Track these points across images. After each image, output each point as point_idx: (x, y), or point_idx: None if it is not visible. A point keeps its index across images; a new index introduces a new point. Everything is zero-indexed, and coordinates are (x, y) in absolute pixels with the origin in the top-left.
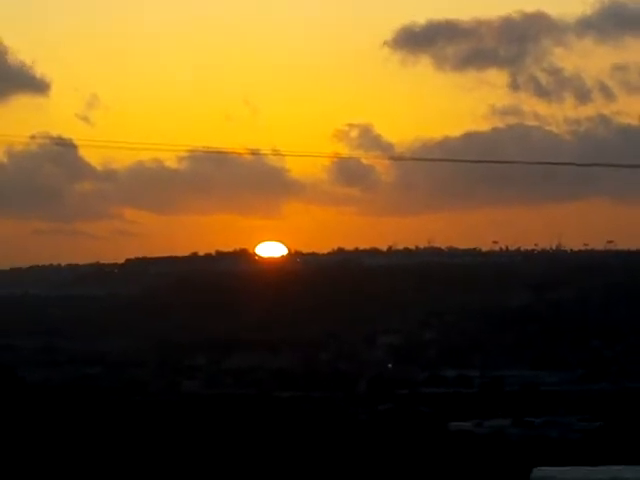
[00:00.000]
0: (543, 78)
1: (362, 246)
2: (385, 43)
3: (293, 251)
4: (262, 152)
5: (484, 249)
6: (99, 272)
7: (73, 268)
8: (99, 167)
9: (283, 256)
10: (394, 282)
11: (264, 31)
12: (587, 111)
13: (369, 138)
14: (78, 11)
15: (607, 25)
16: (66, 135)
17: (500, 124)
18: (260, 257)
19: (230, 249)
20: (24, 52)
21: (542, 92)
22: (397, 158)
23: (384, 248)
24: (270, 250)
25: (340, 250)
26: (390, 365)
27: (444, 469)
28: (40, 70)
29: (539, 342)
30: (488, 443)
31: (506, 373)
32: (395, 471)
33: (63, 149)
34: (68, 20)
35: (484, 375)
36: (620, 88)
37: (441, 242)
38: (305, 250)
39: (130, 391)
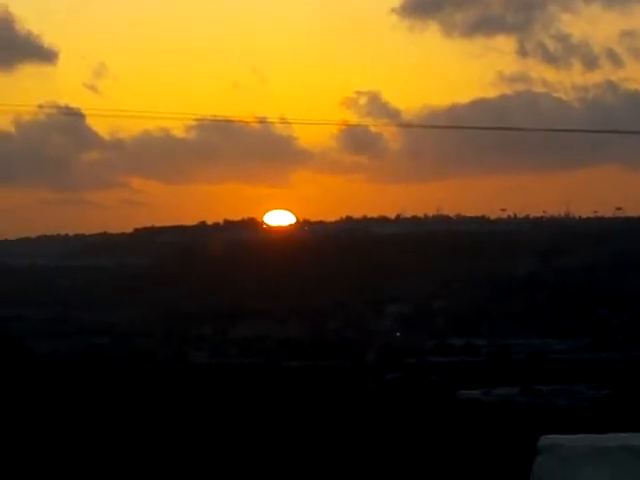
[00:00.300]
0: (551, 45)
1: (370, 214)
2: (393, 10)
3: (301, 219)
4: (270, 120)
5: (492, 217)
6: (107, 242)
7: (81, 238)
8: (107, 136)
9: (291, 225)
10: (402, 250)
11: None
12: (595, 78)
13: (377, 106)
14: None
15: None
16: (74, 104)
17: (508, 91)
18: (268, 226)
19: (238, 218)
20: (31, 21)
21: (550, 59)
22: (406, 125)
23: (392, 216)
24: (278, 219)
25: (348, 218)
26: (398, 334)
27: (453, 436)
28: (47, 39)
29: (547, 310)
30: (496, 411)
31: (513, 341)
32: (405, 438)
33: (71, 118)
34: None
35: (491, 343)
36: (628, 54)
37: (449, 210)
38: (313, 218)
39: (137, 361)
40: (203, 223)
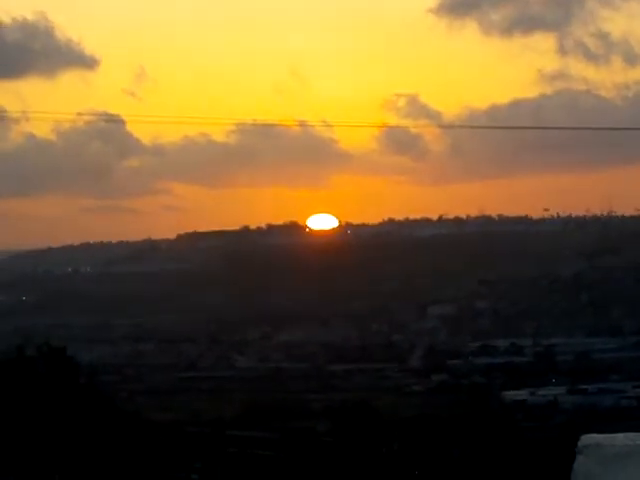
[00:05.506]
0: (590, 42)
1: (412, 216)
2: (429, 10)
3: (343, 222)
4: (310, 123)
5: (535, 217)
6: (150, 248)
7: (124, 245)
8: (147, 142)
9: (333, 228)
10: (445, 252)
11: (310, 3)
12: (636, 74)
13: (417, 107)
14: None
15: None
16: (114, 111)
17: (548, 90)
18: (311, 229)
19: (280, 222)
20: (70, 28)
21: (590, 56)
22: (446, 126)
23: (435, 217)
24: (320, 222)
25: (390, 220)
26: (442, 335)
27: (497, 437)
28: (86, 46)
29: (591, 310)
30: (542, 411)
31: (558, 341)
32: (451, 440)
33: (111, 125)
34: None
35: (536, 344)
36: None
37: (491, 210)
38: (355, 221)
39: (182, 367)
40: (246, 228)
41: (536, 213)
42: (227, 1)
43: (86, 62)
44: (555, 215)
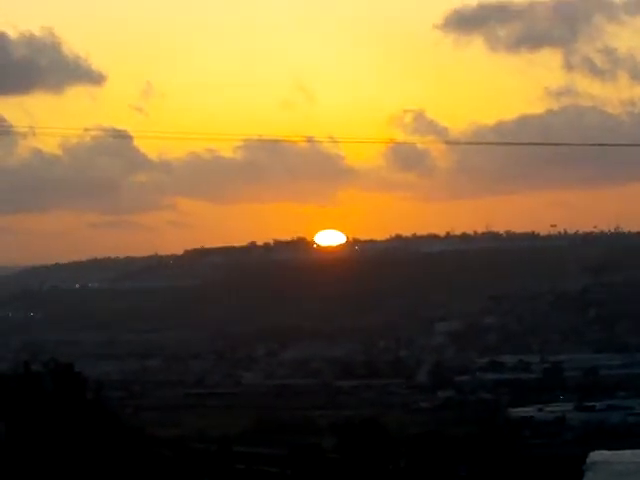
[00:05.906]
0: (597, 58)
1: (420, 232)
2: (436, 27)
3: (351, 238)
4: (317, 139)
5: (542, 233)
6: (158, 264)
7: (132, 260)
8: (154, 158)
9: (341, 244)
10: (452, 268)
11: (317, 19)
12: None
13: (424, 123)
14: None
15: None
16: (121, 126)
17: (555, 105)
18: (318, 245)
19: (288, 238)
20: (78, 45)
21: (596, 72)
22: (453, 142)
23: (442, 234)
24: (328, 238)
25: (398, 236)
26: (449, 352)
27: (504, 454)
28: (93, 62)
29: (598, 326)
30: (549, 428)
31: (566, 357)
32: (458, 457)
33: (118, 141)
34: (121, 12)
35: (544, 360)
36: None
37: (499, 227)
38: (363, 237)
39: (189, 383)
40: (253, 243)
41: (543, 229)
42: (234, 18)
43: (93, 78)
44: (562, 231)
